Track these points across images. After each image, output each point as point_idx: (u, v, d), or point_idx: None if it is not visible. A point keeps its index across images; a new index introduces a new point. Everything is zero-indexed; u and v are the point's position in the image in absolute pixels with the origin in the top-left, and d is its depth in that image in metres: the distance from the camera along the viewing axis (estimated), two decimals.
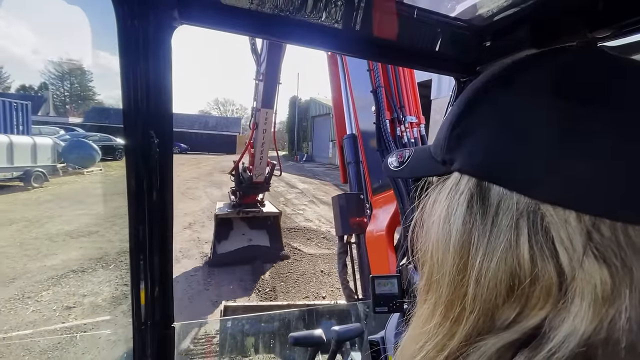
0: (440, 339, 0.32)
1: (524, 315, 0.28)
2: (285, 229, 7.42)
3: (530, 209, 0.27)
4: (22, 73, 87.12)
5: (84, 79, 54.64)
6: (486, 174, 0.30)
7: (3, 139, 9.66)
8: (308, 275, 5.04)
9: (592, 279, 0.25)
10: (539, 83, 0.29)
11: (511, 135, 0.28)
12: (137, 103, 0.59)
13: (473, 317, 0.30)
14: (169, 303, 0.67)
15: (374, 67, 1.86)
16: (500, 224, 0.28)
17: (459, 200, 0.31)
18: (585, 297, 0.25)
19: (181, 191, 10.71)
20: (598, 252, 0.25)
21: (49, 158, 11.36)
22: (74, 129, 22.29)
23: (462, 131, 0.32)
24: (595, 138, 0.25)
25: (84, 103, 51.64)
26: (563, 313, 0.26)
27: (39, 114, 31.76)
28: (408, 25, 0.78)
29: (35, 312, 3.65)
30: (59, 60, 53.57)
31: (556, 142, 0.26)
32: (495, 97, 0.31)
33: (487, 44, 0.86)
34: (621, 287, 0.24)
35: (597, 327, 0.25)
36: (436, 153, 0.36)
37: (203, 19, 0.64)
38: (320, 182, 15.74)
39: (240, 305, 3.54)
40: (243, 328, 1.45)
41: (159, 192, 0.62)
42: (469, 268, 0.29)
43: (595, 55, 0.30)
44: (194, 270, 5.00)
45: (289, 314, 1.54)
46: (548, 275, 0.26)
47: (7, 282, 4.22)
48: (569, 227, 0.25)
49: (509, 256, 0.27)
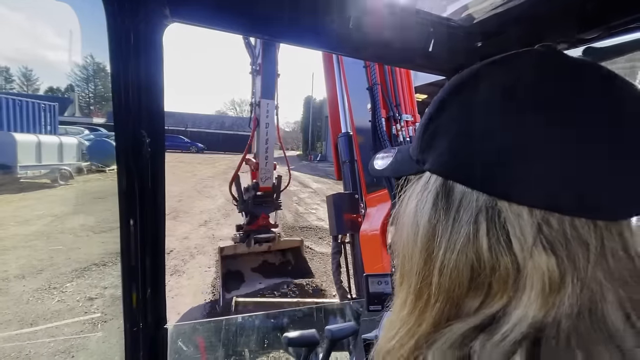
0: (410, 326, 0.34)
1: (487, 303, 0.30)
2: (297, 227, 7.47)
3: (489, 205, 0.29)
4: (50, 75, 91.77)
5: (107, 80, 56.75)
6: (450, 173, 0.32)
7: (32, 139, 10.19)
8: (319, 273, 5.03)
9: (540, 268, 0.27)
10: (499, 88, 0.31)
11: (472, 136, 0.31)
12: (128, 102, 0.59)
13: (438, 305, 0.32)
14: (161, 304, 0.67)
15: (370, 64, 1.85)
16: (461, 218, 0.30)
17: (427, 198, 0.34)
18: (534, 286, 0.27)
19: (198, 189, 10.97)
20: (547, 243, 0.27)
21: (74, 157, 11.89)
22: (98, 129, 23.31)
23: (433, 132, 0.34)
24: (548, 139, 0.27)
25: (107, 104, 53.77)
26: (516, 301, 0.28)
27: (65, 115, 33.34)
28: (399, 25, 0.78)
29: (60, 302, 3.84)
30: (84, 62, 55.98)
31: (511, 144, 0.28)
32: (461, 100, 0.33)
33: (478, 44, 0.85)
34: (566, 276, 0.27)
35: (545, 314, 0.27)
36: (413, 153, 0.38)
37: (194, 16, 0.63)
38: (333, 181, 15.70)
39: (250, 300, 3.57)
40: (237, 328, 1.46)
41: (151, 192, 0.62)
42: (434, 259, 0.32)
43: (554, 59, 0.31)
44: (207, 267, 5.11)
45: (283, 313, 1.54)
46: (504, 265, 0.29)
47: (35, 273, 4.46)
48: (521, 220, 0.28)
49: (469, 249, 0.30)
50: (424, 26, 0.80)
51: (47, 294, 3.96)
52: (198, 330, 1.34)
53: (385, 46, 0.79)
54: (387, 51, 0.81)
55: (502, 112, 0.30)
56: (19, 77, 54.15)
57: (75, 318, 3.54)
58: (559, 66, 0.31)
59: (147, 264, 0.63)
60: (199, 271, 4.93)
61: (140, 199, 0.61)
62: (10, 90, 46.37)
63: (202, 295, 4.24)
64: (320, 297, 3.97)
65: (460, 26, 0.83)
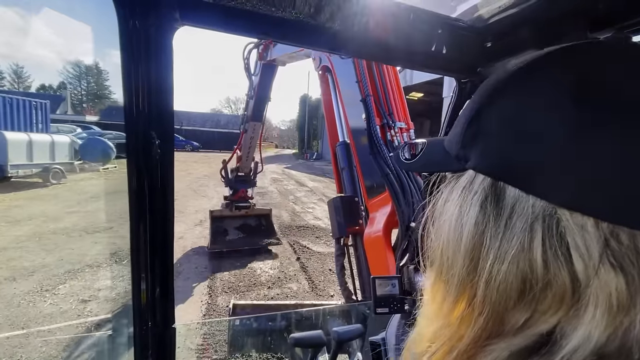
0: (448, 340, 0.31)
1: (534, 319, 0.27)
2: (294, 227, 7.46)
3: (547, 212, 0.26)
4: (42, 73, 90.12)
5: (100, 78, 56.17)
6: (502, 175, 0.29)
7: (23, 137, 10.02)
8: (316, 274, 5.04)
9: (607, 287, 0.24)
10: (555, 85, 0.28)
11: (528, 136, 0.27)
12: (138, 104, 0.59)
13: (482, 320, 0.29)
14: (169, 304, 0.67)
15: (362, 78, 1.99)
16: (514, 226, 0.27)
17: (472, 200, 0.30)
18: (599, 305, 0.24)
19: (193, 189, 10.89)
20: (615, 260, 0.24)
21: (67, 155, 11.72)
22: (91, 127, 22.93)
23: (479, 129, 0.31)
24: (623, 143, 0.24)
25: (100, 102, 53.08)
26: (575, 320, 0.25)
27: (57, 113, 32.79)
28: (409, 26, 0.78)
29: (52, 304, 3.78)
30: (76, 60, 55.12)
31: (574, 146, 0.25)
32: (513, 97, 0.30)
33: (488, 44, 0.85)
34: (637, 296, 0.24)
35: (610, 336, 0.24)
36: (450, 148, 0.35)
37: (204, 20, 0.64)
38: (330, 180, 15.71)
39: (248, 303, 3.57)
40: (243, 328, 1.46)
41: (160, 192, 0.62)
42: (480, 270, 0.29)
43: (613, 54, 0.28)
44: (203, 267, 5.09)
45: (290, 314, 1.55)
46: (561, 281, 0.26)
47: (27, 275, 4.39)
48: (585, 233, 0.25)
49: (522, 260, 0.27)
50: (432, 27, 0.80)
51: (39, 297, 3.90)
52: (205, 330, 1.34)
53: (394, 47, 0.79)
54: (395, 52, 0.81)
55: (566, 112, 0.26)
56: (10, 74, 53.19)
57: (67, 322, 3.49)
58: (631, 60, 0.28)
59: (156, 264, 0.63)
60: (195, 272, 4.90)
61: (150, 199, 0.61)
62: (0, 88, 45.51)
63: (199, 296, 4.22)
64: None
65: (470, 27, 0.82)
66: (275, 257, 5.59)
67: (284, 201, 10.22)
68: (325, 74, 2.57)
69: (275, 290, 4.49)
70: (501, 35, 0.82)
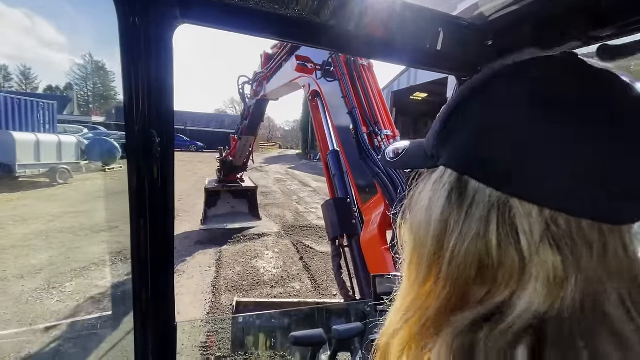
0: (418, 309, 0.36)
1: (492, 293, 0.32)
2: (297, 227, 7.46)
3: (501, 201, 0.31)
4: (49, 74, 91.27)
5: (106, 79, 56.68)
6: (466, 170, 0.33)
7: (31, 137, 10.16)
8: (319, 273, 5.04)
9: (546, 263, 0.29)
10: (518, 92, 0.32)
11: (489, 136, 0.32)
12: (139, 101, 0.59)
13: (445, 293, 0.34)
14: (170, 301, 0.67)
15: (347, 94, 2.25)
16: (474, 213, 0.32)
17: (441, 191, 0.35)
18: (539, 279, 0.29)
19: (198, 188, 10.93)
20: (554, 241, 0.29)
21: (73, 155, 11.85)
22: (97, 128, 23.16)
23: (450, 129, 0.36)
24: (563, 142, 0.28)
25: (106, 103, 53.59)
26: (522, 292, 0.30)
27: (64, 113, 33.21)
28: (410, 24, 0.78)
29: (59, 302, 3.83)
30: (83, 61, 55.77)
31: (526, 144, 0.30)
32: (480, 101, 0.34)
33: (489, 43, 0.85)
34: (570, 272, 0.28)
35: (549, 306, 0.29)
36: (427, 148, 0.39)
37: (204, 17, 0.64)
38: None
39: (252, 301, 3.58)
40: (245, 326, 1.47)
41: (161, 191, 0.62)
42: (444, 250, 0.34)
43: (572, 65, 0.32)
44: (207, 267, 5.11)
45: (290, 312, 1.55)
46: (511, 258, 0.31)
47: (34, 272, 4.45)
48: (530, 218, 0.30)
49: (479, 241, 0.32)
50: (433, 25, 0.80)
51: (46, 294, 3.95)
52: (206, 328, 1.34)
53: (395, 45, 0.79)
54: (396, 50, 0.81)
55: (519, 113, 0.31)
56: (18, 75, 53.97)
57: (75, 318, 3.53)
58: (579, 71, 0.32)
59: (157, 262, 0.64)
60: (199, 270, 4.93)
61: (150, 197, 0.62)
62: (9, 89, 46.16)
63: (202, 295, 4.24)
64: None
65: (471, 25, 0.82)
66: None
67: (287, 201, 10.23)
68: (315, 99, 2.86)
69: (278, 290, 4.50)
70: (502, 33, 0.82)
